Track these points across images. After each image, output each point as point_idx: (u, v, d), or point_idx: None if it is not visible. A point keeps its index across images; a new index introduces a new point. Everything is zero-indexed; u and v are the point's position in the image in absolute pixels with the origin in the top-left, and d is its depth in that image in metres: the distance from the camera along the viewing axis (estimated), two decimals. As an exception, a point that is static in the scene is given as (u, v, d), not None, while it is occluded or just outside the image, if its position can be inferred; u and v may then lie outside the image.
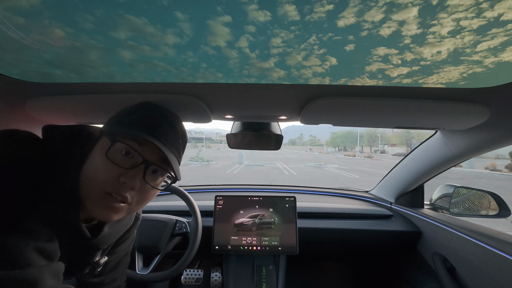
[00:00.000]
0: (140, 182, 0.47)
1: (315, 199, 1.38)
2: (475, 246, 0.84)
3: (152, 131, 0.49)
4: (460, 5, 0.31)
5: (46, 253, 0.41)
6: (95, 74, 0.55)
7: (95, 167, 0.45)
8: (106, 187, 0.45)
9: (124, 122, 0.49)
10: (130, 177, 0.46)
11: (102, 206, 0.46)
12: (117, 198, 0.46)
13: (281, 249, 1.05)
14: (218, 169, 14.12)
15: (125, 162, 0.46)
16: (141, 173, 0.47)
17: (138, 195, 0.49)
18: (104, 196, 0.45)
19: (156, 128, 0.50)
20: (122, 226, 0.60)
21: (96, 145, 0.48)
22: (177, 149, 0.53)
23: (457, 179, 10.83)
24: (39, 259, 0.40)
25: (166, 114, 0.54)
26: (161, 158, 0.49)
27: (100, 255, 0.58)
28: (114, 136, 0.46)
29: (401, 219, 1.20)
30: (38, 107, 0.70)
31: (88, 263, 0.56)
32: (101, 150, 0.46)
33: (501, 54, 0.41)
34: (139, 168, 0.47)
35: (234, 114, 0.79)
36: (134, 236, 0.73)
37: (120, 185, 0.45)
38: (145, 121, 0.50)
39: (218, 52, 0.43)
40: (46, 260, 0.41)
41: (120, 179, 0.45)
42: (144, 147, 0.47)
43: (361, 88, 0.59)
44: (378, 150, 55.06)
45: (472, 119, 0.69)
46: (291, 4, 0.32)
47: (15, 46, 0.43)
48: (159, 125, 0.50)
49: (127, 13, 0.34)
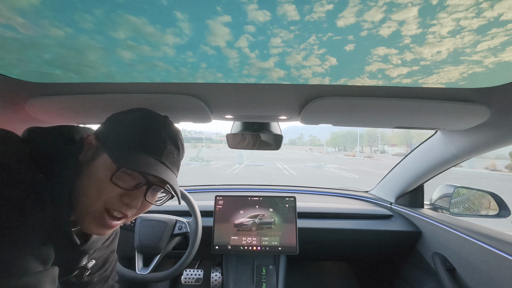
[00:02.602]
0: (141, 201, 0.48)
1: (315, 199, 1.38)
2: (475, 246, 0.84)
3: (159, 156, 0.49)
4: (460, 5, 0.31)
5: (41, 258, 0.40)
6: (95, 74, 0.55)
7: (97, 185, 0.45)
8: (106, 205, 0.45)
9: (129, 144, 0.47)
10: (133, 198, 0.46)
11: (100, 224, 0.46)
12: (117, 216, 0.46)
13: (281, 249, 1.05)
14: (218, 169, 14.12)
15: (127, 183, 0.46)
16: (142, 193, 0.48)
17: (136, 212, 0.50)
18: (102, 213, 0.45)
19: (163, 152, 0.49)
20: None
21: (97, 159, 0.46)
22: (178, 167, 0.54)
23: (457, 179, 10.82)
24: (35, 265, 0.38)
25: (170, 131, 0.53)
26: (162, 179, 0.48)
27: (87, 259, 0.57)
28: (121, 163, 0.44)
29: (401, 219, 1.20)
30: (38, 107, 0.70)
31: (76, 268, 0.55)
32: (104, 169, 0.45)
33: (501, 54, 0.41)
34: (141, 188, 0.47)
35: (234, 114, 0.79)
36: (118, 232, 0.72)
37: (122, 204, 0.46)
38: (150, 145, 0.48)
39: (217, 52, 0.43)
40: (42, 265, 0.40)
41: (123, 200, 0.46)
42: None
43: (361, 88, 0.59)
44: (378, 150, 55.04)
45: (472, 119, 0.69)
46: (290, 4, 0.32)
47: (15, 46, 0.43)
48: (165, 149, 0.50)
49: (127, 13, 0.34)
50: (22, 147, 0.43)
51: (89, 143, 0.48)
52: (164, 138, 0.51)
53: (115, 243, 0.70)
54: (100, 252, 0.64)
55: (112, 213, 0.46)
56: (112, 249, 0.69)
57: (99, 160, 0.46)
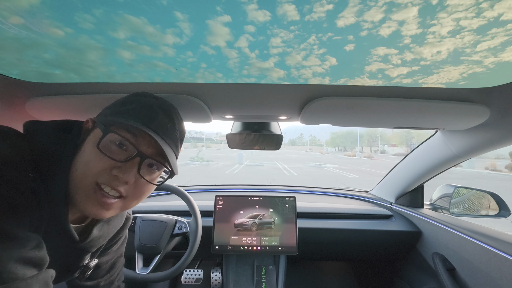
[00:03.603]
0: (134, 176, 0.45)
1: (315, 199, 1.38)
2: (475, 246, 0.84)
3: (148, 122, 0.45)
4: (460, 4, 0.31)
5: (34, 262, 0.37)
6: (94, 74, 0.55)
7: (86, 158, 0.42)
8: (97, 178, 0.42)
9: (119, 112, 0.46)
10: (123, 171, 0.43)
11: (93, 201, 0.43)
12: (109, 194, 0.43)
13: (281, 249, 1.05)
14: (218, 169, 14.12)
15: (118, 154, 0.43)
16: (135, 167, 0.44)
17: (132, 190, 0.46)
18: (94, 189, 0.42)
19: (153, 120, 0.46)
20: (112, 228, 0.57)
21: (88, 137, 0.45)
22: (174, 142, 0.50)
23: (457, 179, 10.83)
24: (26, 270, 0.35)
25: (164, 105, 0.51)
26: (157, 152, 0.46)
27: (90, 258, 0.56)
28: (107, 127, 0.43)
29: (401, 219, 1.20)
30: (38, 107, 0.70)
31: (78, 267, 0.53)
32: (93, 141, 0.43)
33: (501, 54, 0.41)
34: (134, 161, 0.44)
35: (234, 114, 0.79)
36: (127, 236, 0.70)
37: (113, 178, 0.43)
38: (141, 111, 0.46)
39: (217, 52, 0.43)
40: (34, 269, 0.37)
41: (112, 172, 0.42)
42: (140, 139, 0.45)
43: (361, 88, 0.59)
44: (378, 150, 55.04)
45: (472, 119, 0.69)
46: (290, 4, 0.32)
47: (15, 46, 0.43)
48: (156, 117, 0.47)
49: (127, 13, 0.34)
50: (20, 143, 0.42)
51: (86, 128, 0.47)
52: (156, 110, 0.48)
53: (123, 247, 0.70)
54: (108, 256, 0.64)
55: (103, 188, 0.43)
56: (120, 253, 0.68)
57: (90, 135, 0.45)
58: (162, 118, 0.48)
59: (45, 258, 0.39)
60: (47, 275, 0.39)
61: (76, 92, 0.65)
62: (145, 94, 0.52)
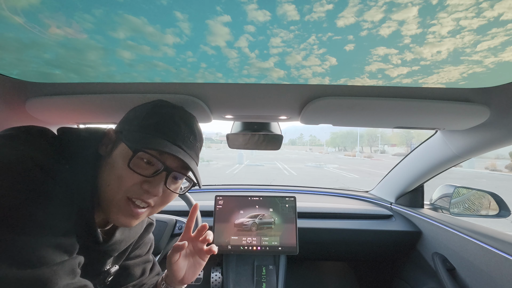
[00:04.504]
0: (162, 188, 0.48)
1: (315, 199, 1.38)
2: (475, 246, 0.84)
3: (173, 138, 0.49)
4: (460, 4, 0.31)
5: (64, 247, 0.39)
6: (94, 74, 0.55)
7: (117, 174, 0.46)
8: (128, 194, 0.46)
9: (143, 127, 0.49)
10: (153, 185, 0.47)
11: (125, 213, 0.46)
12: (140, 205, 0.47)
13: (281, 249, 1.05)
14: (218, 169, 14.12)
15: (147, 170, 0.46)
16: (163, 180, 0.48)
17: (160, 200, 0.50)
18: (126, 202, 0.46)
19: (177, 134, 0.49)
20: (133, 233, 0.59)
21: (115, 150, 0.47)
22: (196, 153, 0.54)
23: (457, 179, 10.83)
24: (56, 255, 0.38)
25: (184, 116, 0.53)
26: (181, 165, 0.49)
27: (111, 264, 0.57)
28: (134, 143, 0.45)
29: (401, 219, 1.20)
30: (38, 107, 0.70)
31: (99, 271, 0.55)
32: (122, 157, 0.46)
33: (501, 54, 0.41)
34: (161, 175, 0.47)
35: (234, 114, 0.79)
36: (153, 243, 0.72)
37: (143, 192, 0.46)
38: (164, 125, 0.49)
39: (217, 52, 0.43)
40: (65, 254, 0.39)
41: (143, 187, 0.46)
42: (165, 155, 0.47)
43: (361, 88, 0.59)
44: (378, 150, 55.03)
45: (472, 119, 0.69)
46: (290, 3, 0.32)
47: (15, 46, 0.43)
48: (179, 130, 0.50)
49: (127, 13, 0.34)
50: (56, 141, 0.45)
51: (108, 137, 0.49)
52: (178, 122, 0.51)
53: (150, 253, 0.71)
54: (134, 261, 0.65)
55: (134, 202, 0.47)
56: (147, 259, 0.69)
57: (117, 150, 0.47)
58: (184, 130, 0.51)
59: (75, 244, 0.42)
60: (74, 262, 0.41)
61: (76, 92, 0.65)
62: (163, 104, 0.53)
